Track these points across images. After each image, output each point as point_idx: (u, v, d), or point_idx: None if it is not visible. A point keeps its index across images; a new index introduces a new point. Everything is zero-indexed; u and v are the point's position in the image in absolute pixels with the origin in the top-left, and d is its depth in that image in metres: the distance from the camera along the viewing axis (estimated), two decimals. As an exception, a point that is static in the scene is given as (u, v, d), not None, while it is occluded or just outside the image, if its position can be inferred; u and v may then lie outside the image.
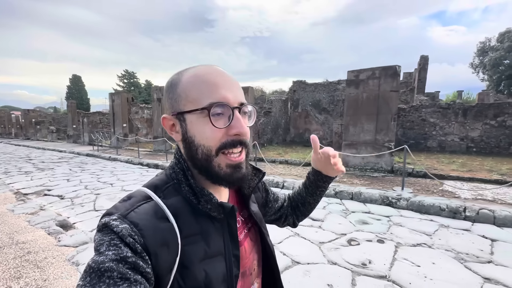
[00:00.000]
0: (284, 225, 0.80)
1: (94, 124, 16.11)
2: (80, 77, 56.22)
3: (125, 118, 12.63)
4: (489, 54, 35.64)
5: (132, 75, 51.71)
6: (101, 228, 0.41)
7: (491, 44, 37.14)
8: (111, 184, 5.51)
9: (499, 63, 34.00)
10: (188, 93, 0.46)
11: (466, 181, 4.88)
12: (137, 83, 52.91)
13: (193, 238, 0.46)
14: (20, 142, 17.77)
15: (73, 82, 55.23)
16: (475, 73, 39.49)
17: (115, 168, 7.60)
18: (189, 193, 0.49)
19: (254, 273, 0.59)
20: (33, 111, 23.00)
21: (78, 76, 56.17)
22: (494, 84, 34.59)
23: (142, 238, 0.40)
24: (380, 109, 5.72)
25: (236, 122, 0.46)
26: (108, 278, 0.35)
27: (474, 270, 2.20)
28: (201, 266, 0.45)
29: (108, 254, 0.37)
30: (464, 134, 8.20)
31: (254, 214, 0.59)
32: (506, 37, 33.80)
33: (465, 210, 3.46)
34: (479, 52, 38.16)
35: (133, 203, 0.44)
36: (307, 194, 0.77)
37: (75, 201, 4.29)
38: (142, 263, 0.38)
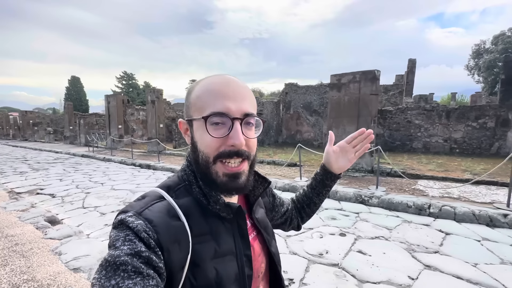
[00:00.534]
0: (289, 228, 0.82)
1: (90, 125, 16.32)
2: (79, 79, 56.33)
3: (121, 120, 12.86)
4: (484, 56, 36.02)
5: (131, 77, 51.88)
6: (116, 225, 0.43)
7: (485, 46, 37.54)
8: (101, 183, 5.73)
9: (494, 65, 34.36)
10: (197, 101, 0.49)
11: (439, 180, 5.12)
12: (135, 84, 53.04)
13: (203, 237, 0.48)
14: (18, 143, 17.96)
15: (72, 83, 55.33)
16: (471, 75, 39.84)
17: (108, 168, 7.81)
18: (199, 194, 0.51)
19: (261, 276, 0.60)
20: (31, 112, 23.19)
21: (77, 78, 56.28)
22: (488, 86, 34.95)
23: (156, 234, 0.42)
24: (361, 112, 5.96)
25: (234, 133, 0.47)
26: (123, 271, 0.37)
27: (418, 259, 2.43)
28: (211, 264, 0.47)
29: (123, 248, 0.39)
30: (447, 135, 8.46)
31: (258, 221, 0.61)
32: (500, 40, 34.21)
33: (429, 207, 3.69)
34: (474, 54, 38.55)
35: (147, 202, 0.46)
36: (313, 195, 0.79)
37: (65, 199, 4.51)
38: (155, 258, 0.40)
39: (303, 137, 11.99)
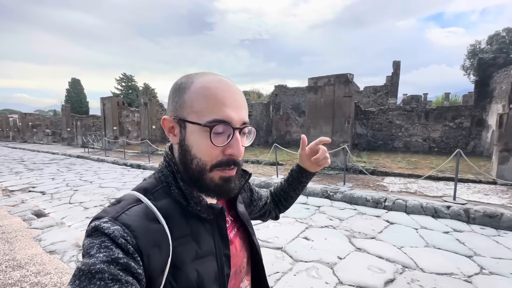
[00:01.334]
0: (267, 219, 0.85)
1: (87, 127, 16.71)
2: (79, 81, 56.77)
3: (116, 122, 13.22)
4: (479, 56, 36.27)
5: (130, 79, 52.30)
6: (90, 232, 0.41)
7: (481, 46, 37.77)
8: (90, 182, 6.08)
9: (488, 66, 34.40)
10: (194, 103, 0.47)
11: (405, 177, 5.45)
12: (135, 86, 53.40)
13: (184, 239, 0.47)
14: (17, 145, 18.37)
15: (72, 85, 55.79)
16: (466, 75, 40.03)
17: (99, 168, 8.17)
18: (178, 195, 0.49)
19: (243, 271, 0.60)
20: (30, 114, 23.61)
21: (77, 80, 56.72)
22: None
23: (134, 239, 0.40)
24: (336, 113, 6.30)
25: (235, 142, 0.47)
26: (99, 279, 0.35)
27: (353, 243, 2.77)
28: (192, 266, 0.46)
29: (99, 256, 0.37)
30: (426, 135, 8.78)
31: (241, 214, 0.61)
32: (494, 40, 34.45)
33: (385, 200, 4.02)
34: (470, 54, 38.75)
35: (123, 206, 0.44)
36: (289, 190, 0.81)
37: (54, 196, 4.87)
38: (134, 264, 0.38)
39: (292, 137, 12.33)
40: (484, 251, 2.60)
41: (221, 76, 0.50)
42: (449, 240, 2.84)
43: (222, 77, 0.50)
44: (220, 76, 0.50)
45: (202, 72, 0.51)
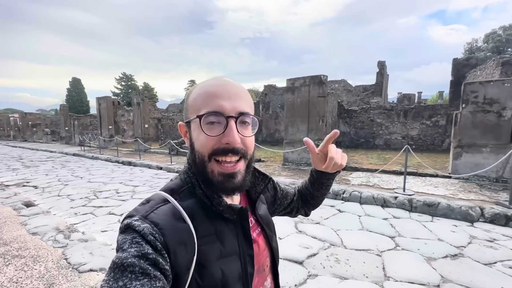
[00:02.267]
0: (296, 215, 0.85)
1: (84, 126, 17.17)
2: (79, 80, 57.26)
3: (111, 121, 13.66)
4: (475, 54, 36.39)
5: (130, 78, 52.75)
6: (123, 229, 0.44)
7: (477, 44, 37.85)
8: (81, 177, 6.51)
9: (484, 64, 34.53)
10: (193, 103, 0.51)
11: (371, 172, 5.83)
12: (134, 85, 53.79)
13: (209, 238, 0.49)
14: (17, 144, 18.86)
15: (73, 84, 56.28)
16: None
17: (92, 165, 8.60)
18: (202, 195, 0.52)
19: (267, 270, 0.62)
20: (30, 114, 24.13)
21: (77, 79, 57.22)
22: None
23: (162, 237, 0.43)
24: (311, 112, 6.68)
25: (229, 131, 0.48)
26: (130, 272, 0.38)
27: (297, 227, 3.17)
28: (217, 265, 0.48)
29: (130, 251, 0.40)
30: (405, 133, 9.15)
31: (261, 217, 0.62)
32: (490, 38, 34.55)
33: (343, 192, 4.42)
34: (467, 52, 38.81)
35: (152, 206, 0.47)
36: (313, 189, 0.79)
37: (45, 189, 5.29)
38: (161, 260, 0.41)
39: (281, 135, 12.72)
40: (408, 233, 2.99)
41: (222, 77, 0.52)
42: (383, 225, 3.23)
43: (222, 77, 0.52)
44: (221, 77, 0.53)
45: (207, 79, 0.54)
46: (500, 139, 4.58)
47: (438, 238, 2.84)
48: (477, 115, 4.75)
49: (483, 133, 4.70)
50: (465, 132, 4.87)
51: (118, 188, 5.35)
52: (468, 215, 3.41)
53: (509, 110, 4.49)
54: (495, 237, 2.86)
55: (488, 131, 4.67)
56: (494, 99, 4.59)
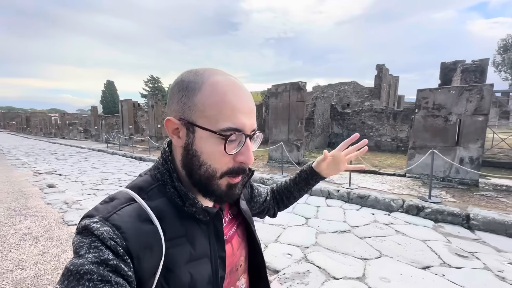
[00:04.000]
0: (265, 216, 0.84)
1: (110, 125, 19.22)
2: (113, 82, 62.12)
3: (131, 121, 15.31)
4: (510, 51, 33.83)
5: (157, 80, 56.24)
6: (80, 230, 0.40)
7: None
8: (97, 168, 7.85)
9: (520, 61, 32.09)
10: (206, 107, 0.44)
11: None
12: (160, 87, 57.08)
13: (178, 240, 0.46)
14: (56, 140, 21.56)
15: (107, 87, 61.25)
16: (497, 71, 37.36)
17: (110, 159, 10.05)
18: (174, 195, 0.48)
19: (240, 269, 0.60)
20: (68, 114, 27.21)
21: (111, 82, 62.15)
22: (517, 83, 32.81)
23: (124, 241, 0.39)
24: (291, 115, 7.39)
25: (246, 150, 0.46)
26: (88, 280, 0.35)
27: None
28: (186, 268, 0.46)
29: (88, 256, 0.37)
30: (394, 135, 9.40)
31: (244, 211, 0.61)
32: (528, 34, 31.93)
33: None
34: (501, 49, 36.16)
35: (115, 205, 0.43)
36: (294, 189, 0.81)
37: (67, 176, 6.63)
38: (124, 266, 0.38)
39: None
40: (324, 216, 3.67)
41: (232, 77, 0.48)
42: (309, 211, 3.93)
43: (233, 78, 0.48)
44: (230, 76, 0.48)
45: (209, 70, 0.48)
46: (447, 142, 4.98)
47: (344, 220, 3.51)
48: (427, 119, 5.18)
49: (433, 135, 5.12)
50: (418, 135, 5.31)
51: (121, 177, 6.52)
52: (389, 206, 3.99)
53: (454, 115, 4.88)
54: (393, 222, 3.46)
55: (437, 134, 5.08)
56: (442, 105, 5.00)
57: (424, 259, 2.49)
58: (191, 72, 0.48)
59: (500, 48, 35.43)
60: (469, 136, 4.74)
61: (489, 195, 4.17)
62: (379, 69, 11.74)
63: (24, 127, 38.77)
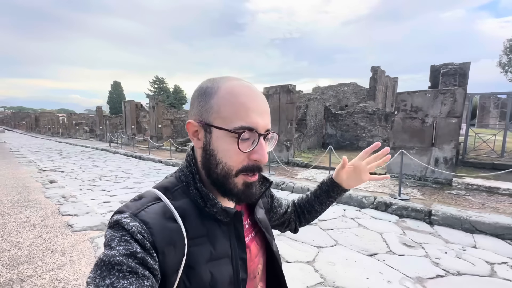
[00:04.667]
0: (286, 230, 0.83)
1: (114, 125, 19.79)
2: (119, 83, 63.29)
3: (134, 121, 15.80)
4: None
5: (162, 81, 57.06)
6: (112, 225, 0.43)
7: (520, 41, 34.59)
8: (97, 166, 8.28)
9: (525, 62, 31.64)
10: (221, 108, 0.48)
11: (326, 169, 6.67)
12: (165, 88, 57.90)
13: (199, 239, 0.48)
14: (63, 139, 22.28)
15: (114, 87, 62.43)
16: (503, 72, 36.86)
17: (111, 158, 10.49)
18: (196, 196, 0.51)
19: (258, 277, 0.61)
20: (75, 114, 28.01)
21: (118, 82, 63.33)
22: (521, 84, 32.34)
23: (151, 236, 0.42)
24: (281, 117, 7.68)
25: (260, 149, 0.48)
26: (118, 271, 0.38)
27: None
28: (206, 267, 0.47)
29: (118, 249, 0.39)
30: (386, 136, 9.58)
31: (259, 221, 0.62)
32: (534, 34, 31.45)
33: (283, 183, 5.42)
34: (507, 50, 35.66)
35: (143, 203, 0.47)
36: (315, 203, 0.80)
37: (68, 173, 7.06)
38: (150, 259, 0.40)
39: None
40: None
41: (246, 82, 0.51)
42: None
43: (248, 83, 0.51)
44: (245, 81, 0.51)
45: (227, 77, 0.52)
46: (424, 142, 5.20)
47: (314, 215, 3.78)
48: (406, 121, 5.41)
49: (411, 136, 5.35)
50: (397, 136, 5.54)
51: (119, 174, 6.92)
52: (361, 203, 4.25)
53: (430, 117, 5.10)
54: (359, 216, 3.73)
55: (414, 135, 5.30)
56: (419, 107, 5.22)
57: (374, 247, 2.76)
58: (210, 80, 0.52)
59: (507, 49, 34.93)
60: (443, 137, 4.96)
61: (458, 193, 4.39)
62: (374, 71, 11.92)
63: (33, 127, 39.94)
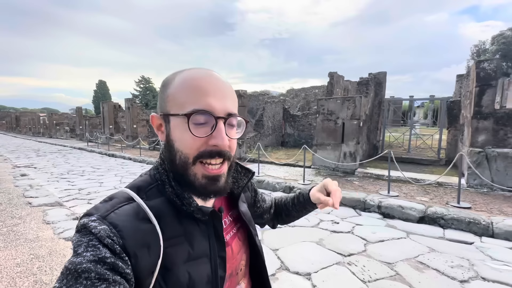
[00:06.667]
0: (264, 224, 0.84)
1: (94, 125, 20.33)
2: (105, 82, 62.83)
3: (112, 121, 16.50)
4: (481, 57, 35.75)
5: (148, 81, 57.11)
6: (79, 229, 0.41)
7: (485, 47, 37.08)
8: (69, 163, 9.09)
9: (488, 67, 33.94)
10: (175, 95, 0.46)
11: (272, 164, 7.76)
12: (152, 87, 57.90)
13: (176, 239, 0.46)
14: (43, 139, 22.58)
15: (99, 86, 61.94)
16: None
17: (85, 156, 11.26)
18: (172, 194, 0.49)
19: (240, 273, 0.60)
20: (56, 114, 28.15)
21: (103, 81, 62.84)
22: (485, 87, 34.61)
23: (121, 239, 0.40)
24: (234, 118, 8.75)
25: (217, 133, 0.46)
26: (86, 279, 0.36)
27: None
28: (184, 268, 0.46)
29: (86, 255, 0.37)
30: (334, 135, 10.85)
31: (243, 214, 0.60)
32: (496, 41, 33.87)
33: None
34: (474, 54, 38.09)
35: (114, 204, 0.44)
36: (293, 209, 0.80)
37: (40, 169, 7.86)
38: (121, 263, 0.39)
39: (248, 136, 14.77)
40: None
41: (206, 69, 0.49)
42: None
43: (207, 69, 0.49)
44: (205, 68, 0.49)
45: (188, 68, 0.50)
46: (336, 140, 6.37)
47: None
48: (324, 122, 6.56)
49: (328, 135, 6.50)
50: (318, 135, 6.69)
51: (86, 169, 7.79)
52: (274, 188, 5.36)
53: (340, 120, 6.27)
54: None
55: (330, 134, 6.46)
56: (333, 111, 6.38)
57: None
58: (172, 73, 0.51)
59: (474, 54, 37.39)
60: (349, 135, 6.14)
61: (351, 179, 5.56)
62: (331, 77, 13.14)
63: (13, 127, 39.50)
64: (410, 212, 3.64)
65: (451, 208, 3.67)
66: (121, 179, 6.44)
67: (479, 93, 4.74)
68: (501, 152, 4.46)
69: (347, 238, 3.05)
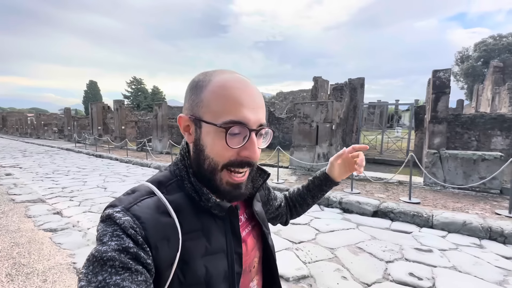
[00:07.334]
0: (277, 223, 0.85)
1: (83, 126, 20.30)
2: (96, 83, 62.22)
3: (100, 122, 16.57)
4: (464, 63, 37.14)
5: (140, 82, 56.82)
6: (104, 219, 0.43)
7: (468, 53, 38.52)
8: (55, 163, 9.22)
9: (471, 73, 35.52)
10: (211, 102, 0.47)
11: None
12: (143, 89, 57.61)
13: (194, 234, 0.48)
14: (30, 140, 22.36)
15: (90, 87, 61.28)
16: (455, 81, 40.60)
17: (72, 157, 11.37)
18: (191, 190, 0.50)
19: (253, 270, 0.61)
20: (45, 114, 27.86)
21: (94, 82, 62.22)
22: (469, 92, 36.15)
23: (143, 231, 0.42)
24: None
25: (250, 145, 0.47)
26: (110, 267, 0.38)
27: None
28: (201, 262, 0.47)
29: (110, 244, 0.39)
30: (316, 137, 11.29)
31: (257, 214, 0.62)
32: (478, 48, 35.28)
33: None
34: (458, 60, 39.47)
35: (136, 197, 0.46)
36: (308, 196, 0.82)
37: (26, 169, 8.00)
38: (143, 254, 0.40)
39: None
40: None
41: (240, 75, 0.50)
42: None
43: (241, 76, 0.50)
44: (238, 74, 0.50)
45: (220, 70, 0.50)
46: (311, 142, 6.76)
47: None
48: (300, 125, 6.96)
49: (304, 137, 6.90)
50: (295, 137, 7.08)
51: (71, 169, 7.96)
52: (250, 186, 5.69)
53: (315, 123, 6.67)
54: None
55: (306, 136, 6.86)
56: (308, 115, 6.78)
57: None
58: (203, 73, 0.51)
59: (458, 60, 38.78)
60: (322, 137, 6.55)
61: (323, 179, 5.95)
62: (315, 81, 13.62)
63: (0, 127, 38.75)
64: (366, 207, 4.04)
65: (402, 203, 4.08)
66: (105, 178, 6.67)
67: (435, 100, 5.21)
68: (452, 153, 4.92)
69: (303, 229, 3.42)
